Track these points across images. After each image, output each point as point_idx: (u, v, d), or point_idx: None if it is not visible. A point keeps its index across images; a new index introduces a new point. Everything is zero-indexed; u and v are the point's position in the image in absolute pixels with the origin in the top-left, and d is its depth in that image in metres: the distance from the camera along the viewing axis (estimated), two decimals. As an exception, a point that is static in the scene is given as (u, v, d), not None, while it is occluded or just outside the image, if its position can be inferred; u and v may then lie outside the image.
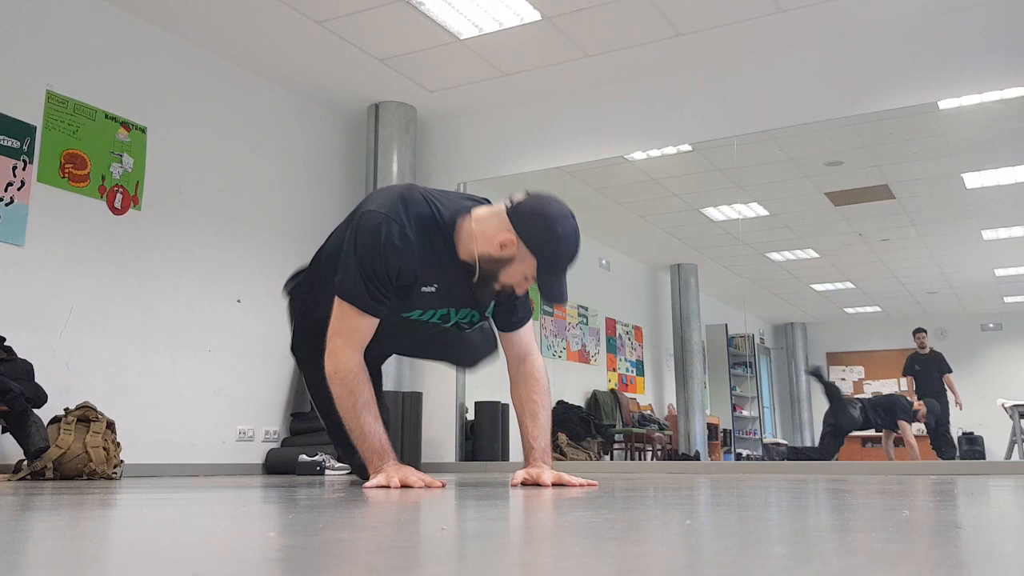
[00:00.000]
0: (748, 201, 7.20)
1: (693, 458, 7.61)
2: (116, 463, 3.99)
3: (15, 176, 4.25)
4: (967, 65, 4.84)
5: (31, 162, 4.33)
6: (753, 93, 5.42)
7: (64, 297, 4.41)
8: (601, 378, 8.21)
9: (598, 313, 8.33)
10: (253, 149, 5.65)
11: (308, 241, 5.20)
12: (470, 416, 6.08)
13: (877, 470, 4.89)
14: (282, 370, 5.54)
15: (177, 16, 5.00)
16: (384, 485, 2.18)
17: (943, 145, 6.19)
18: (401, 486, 2.17)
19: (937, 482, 2.81)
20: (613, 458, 7.80)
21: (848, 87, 5.13)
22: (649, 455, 8.00)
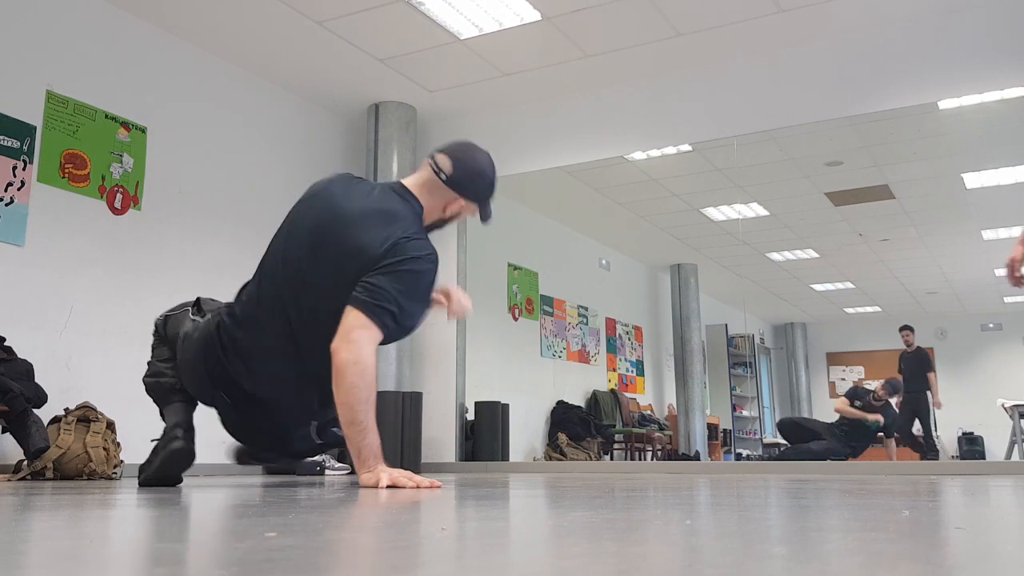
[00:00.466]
0: (748, 201, 7.20)
1: (693, 458, 7.61)
2: (116, 463, 3.99)
3: (15, 176, 4.25)
4: (967, 65, 4.84)
5: (31, 162, 4.33)
6: (753, 93, 5.42)
7: (64, 297, 4.41)
8: (601, 378, 8.21)
9: (598, 313, 8.33)
10: (253, 149, 5.65)
11: (308, 241, 5.18)
12: (470, 416, 6.08)
13: (877, 470, 4.89)
14: (282, 370, 5.53)
15: (177, 16, 5.00)
16: (373, 485, 2.19)
17: (943, 145, 6.19)
18: (389, 486, 2.18)
19: (936, 482, 2.81)
20: (613, 458, 7.81)
21: (848, 87, 5.13)
22: (649, 455, 8.00)
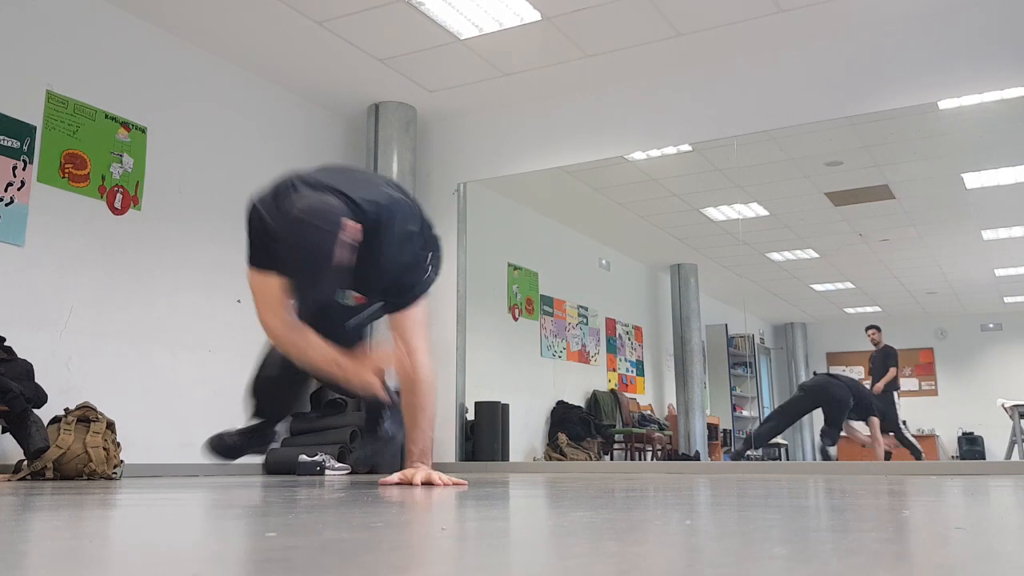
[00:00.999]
0: (748, 201, 7.20)
1: (693, 458, 7.60)
2: (116, 463, 3.99)
3: (15, 176, 4.25)
4: (967, 65, 4.84)
5: (31, 162, 4.33)
6: (753, 93, 5.42)
7: (64, 297, 4.41)
8: (601, 378, 8.20)
9: (598, 313, 8.33)
10: (253, 149, 5.65)
11: (308, 241, 5.18)
12: (470, 416, 6.08)
13: (876, 470, 4.89)
14: (282, 370, 5.53)
15: (177, 16, 5.00)
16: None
17: (943, 145, 6.18)
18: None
19: (936, 482, 2.81)
20: (613, 458, 7.80)
21: (848, 87, 5.13)
22: (649, 455, 8.00)
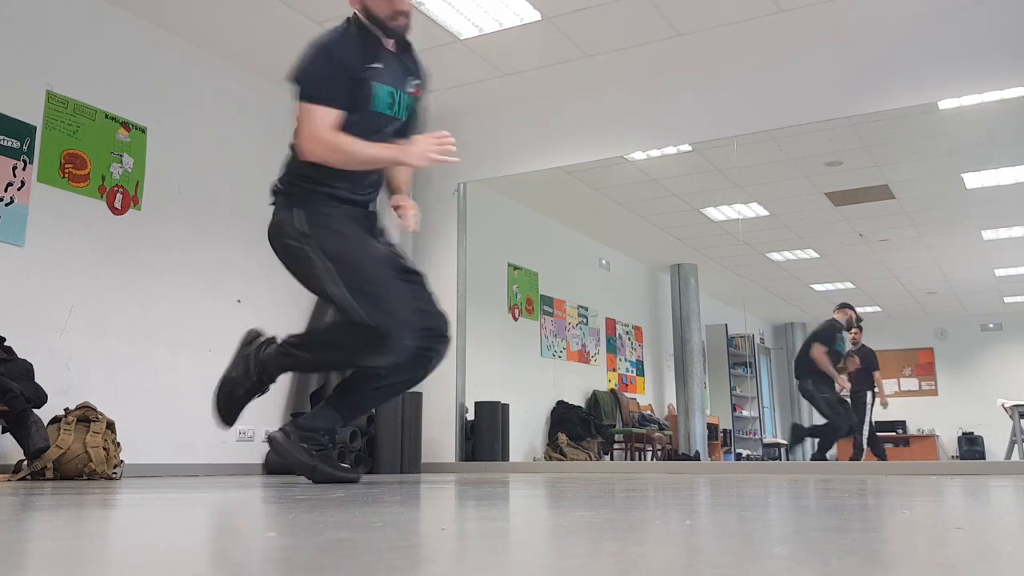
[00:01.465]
0: (748, 201, 7.20)
1: (693, 458, 7.60)
2: (116, 463, 3.99)
3: (15, 176, 4.25)
4: (967, 65, 4.84)
5: (31, 162, 4.33)
6: (753, 93, 5.42)
7: (64, 297, 4.41)
8: (601, 378, 8.21)
9: (598, 313, 8.33)
10: (253, 149, 5.64)
11: (308, 241, 5.19)
12: (470, 416, 6.08)
13: (876, 470, 4.89)
14: (282, 370, 5.53)
15: (177, 16, 5.00)
16: (417, 157, 2.90)
17: (943, 145, 6.19)
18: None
19: (936, 482, 2.80)
20: (613, 458, 7.80)
21: (848, 87, 5.13)
22: (649, 455, 8.00)
